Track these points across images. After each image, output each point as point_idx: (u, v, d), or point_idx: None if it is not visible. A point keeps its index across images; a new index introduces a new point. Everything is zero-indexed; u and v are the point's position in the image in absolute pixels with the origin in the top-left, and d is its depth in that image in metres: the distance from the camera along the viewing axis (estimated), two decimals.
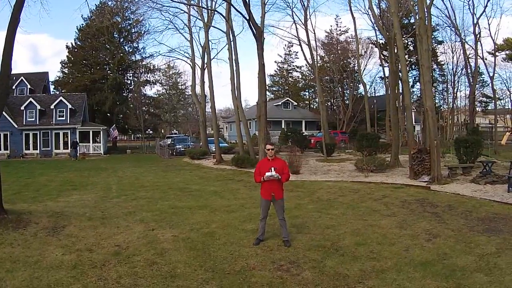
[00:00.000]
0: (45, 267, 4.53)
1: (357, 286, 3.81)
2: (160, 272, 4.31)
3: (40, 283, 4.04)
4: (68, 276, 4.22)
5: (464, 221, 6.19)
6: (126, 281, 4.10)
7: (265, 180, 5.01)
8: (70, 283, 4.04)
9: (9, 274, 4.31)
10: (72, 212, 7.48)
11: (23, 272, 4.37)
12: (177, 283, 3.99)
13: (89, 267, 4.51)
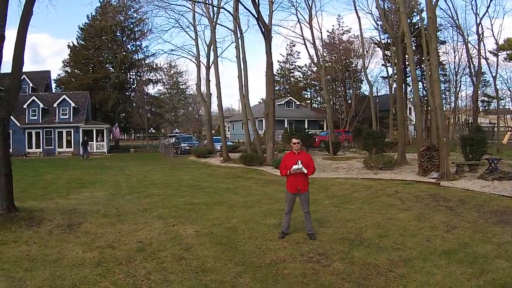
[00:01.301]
0: (66, 265, 4.38)
1: (388, 274, 3.97)
2: (190, 267, 4.29)
3: (64, 282, 3.88)
4: (93, 274, 4.09)
5: (477, 214, 6.40)
6: (156, 277, 4.02)
7: (291, 173, 5.13)
8: (97, 281, 3.91)
9: (28, 273, 4.11)
10: (85, 209, 7.49)
11: (43, 271, 4.19)
12: (210, 277, 3.99)
13: (114, 264, 4.42)
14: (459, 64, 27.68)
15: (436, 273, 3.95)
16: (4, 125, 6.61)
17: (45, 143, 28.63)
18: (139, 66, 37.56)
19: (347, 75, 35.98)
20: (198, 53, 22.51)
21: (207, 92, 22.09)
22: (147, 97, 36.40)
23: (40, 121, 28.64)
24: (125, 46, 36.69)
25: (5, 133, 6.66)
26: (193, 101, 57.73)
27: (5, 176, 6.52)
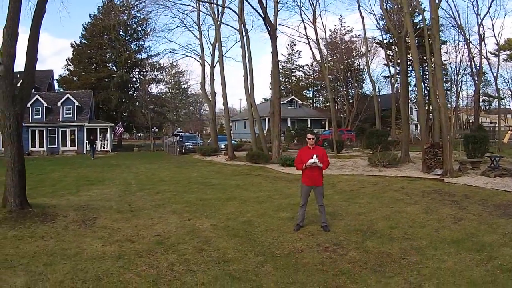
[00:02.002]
0: (86, 258, 4.41)
1: (401, 262, 4.24)
2: (212, 258, 4.45)
3: (87, 275, 3.91)
4: (115, 267, 4.14)
5: (482, 207, 6.68)
6: (180, 267, 4.14)
7: (307, 167, 5.37)
8: (120, 273, 3.95)
9: (48, 267, 4.11)
10: (97, 205, 7.56)
11: (64, 264, 4.20)
12: (232, 267, 4.17)
13: (135, 256, 4.49)
14: (460, 64, 28.03)
15: (447, 260, 4.23)
16: (18, 121, 6.66)
17: (48, 142, 28.80)
18: (142, 66, 37.76)
19: (349, 75, 36.25)
20: (203, 52, 22.80)
21: (212, 91, 22.35)
22: (149, 96, 36.60)
23: (44, 120, 28.83)
24: (128, 46, 36.89)
25: (19, 129, 6.72)
26: (194, 101, 58.08)
27: (18, 172, 6.55)
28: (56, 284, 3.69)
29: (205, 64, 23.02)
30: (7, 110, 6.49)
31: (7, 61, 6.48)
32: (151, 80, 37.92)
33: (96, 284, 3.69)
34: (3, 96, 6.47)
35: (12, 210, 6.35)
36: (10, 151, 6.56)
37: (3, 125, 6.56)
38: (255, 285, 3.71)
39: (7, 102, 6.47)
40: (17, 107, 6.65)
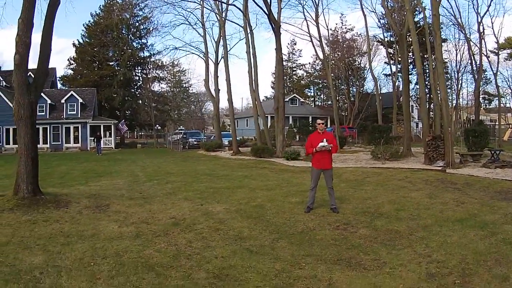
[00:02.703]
0: (104, 238, 4.47)
1: (410, 237, 4.51)
2: (228, 236, 4.70)
3: (107, 252, 4.01)
4: (134, 244, 4.24)
5: (483, 193, 6.98)
6: (198, 244, 4.32)
7: (317, 150, 5.62)
8: (140, 250, 4.07)
9: (65, 247, 4.15)
10: (108, 194, 7.64)
11: (81, 244, 4.26)
12: (249, 243, 4.42)
13: (153, 236, 4.60)
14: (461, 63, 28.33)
15: (452, 235, 4.52)
16: (33, 109, 6.76)
17: (52, 139, 29.06)
18: (144, 64, 38.01)
19: (350, 73, 36.53)
20: (207, 50, 23.05)
21: (216, 87, 22.64)
22: (152, 94, 36.86)
23: (48, 117, 29.07)
24: (131, 44, 37.14)
25: (33, 117, 6.81)
26: (196, 100, 58.33)
27: (32, 159, 6.59)
28: (76, 261, 3.78)
29: (209, 61, 23.29)
30: (22, 98, 6.58)
31: (23, 51, 6.61)
32: (154, 78, 38.16)
33: (116, 260, 3.81)
34: (18, 84, 6.60)
35: (25, 197, 6.39)
36: (24, 139, 6.62)
37: (18, 113, 6.64)
38: (272, 258, 3.98)
39: (22, 90, 6.58)
40: (32, 96, 6.72)
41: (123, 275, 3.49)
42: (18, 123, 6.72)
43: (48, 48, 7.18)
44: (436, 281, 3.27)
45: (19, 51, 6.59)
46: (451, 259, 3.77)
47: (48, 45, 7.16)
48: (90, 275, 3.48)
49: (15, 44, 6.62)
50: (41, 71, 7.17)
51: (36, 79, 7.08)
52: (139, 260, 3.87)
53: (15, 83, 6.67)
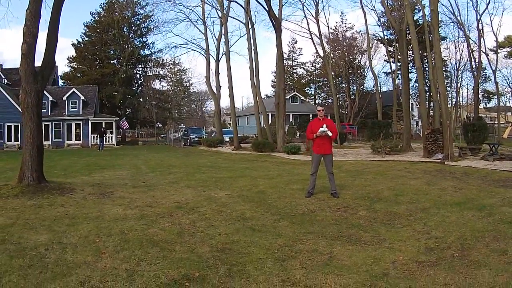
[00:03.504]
0: (109, 219, 4.52)
1: (409, 218, 4.61)
2: (231, 217, 4.81)
3: (112, 231, 4.07)
4: (139, 224, 4.34)
5: (481, 181, 7.08)
6: (201, 223, 4.44)
7: (317, 136, 5.73)
8: (144, 229, 4.16)
9: (70, 227, 4.21)
10: (112, 183, 7.72)
11: (87, 224, 4.32)
12: (251, 223, 4.53)
13: (157, 217, 4.70)
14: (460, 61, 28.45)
15: (450, 216, 4.61)
16: (39, 97, 6.89)
17: (54, 136, 29.15)
18: (145, 62, 38.13)
19: (350, 71, 36.63)
20: (208, 47, 23.17)
21: (217, 84, 22.74)
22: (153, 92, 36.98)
23: (49, 114, 29.16)
24: (132, 42, 37.27)
25: (40, 105, 6.95)
26: (196, 99, 58.45)
27: (37, 147, 6.68)
28: (81, 238, 3.84)
29: (210, 58, 23.42)
30: (29, 86, 6.68)
31: (30, 40, 6.75)
32: (155, 76, 38.28)
33: (121, 237, 3.89)
34: (25, 73, 6.72)
35: (29, 184, 6.46)
36: (30, 127, 6.70)
37: (24, 101, 6.75)
38: (274, 235, 4.08)
39: (29, 79, 6.69)
40: (38, 84, 6.84)
41: (128, 250, 3.58)
42: (24, 111, 6.83)
43: (55, 39, 7.31)
44: (435, 254, 3.37)
45: (26, 40, 6.73)
46: (449, 235, 3.87)
47: (55, 36, 7.29)
48: (95, 250, 3.57)
49: (23, 34, 6.77)
50: (48, 61, 7.27)
51: (42, 69, 7.18)
52: (144, 237, 3.97)
53: (22, 72, 6.78)
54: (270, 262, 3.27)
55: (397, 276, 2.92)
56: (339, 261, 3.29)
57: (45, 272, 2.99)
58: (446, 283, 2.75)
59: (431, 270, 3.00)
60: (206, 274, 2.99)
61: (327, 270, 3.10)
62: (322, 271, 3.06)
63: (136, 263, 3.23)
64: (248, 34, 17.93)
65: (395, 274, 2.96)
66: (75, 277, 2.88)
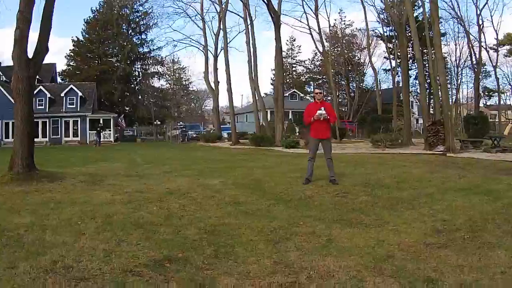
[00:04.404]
0: (96, 204, 4.34)
1: (412, 202, 4.33)
2: (224, 201, 4.53)
3: (96, 214, 3.88)
4: (125, 208, 4.12)
5: (485, 170, 6.82)
6: (191, 207, 4.16)
7: (315, 119, 5.44)
8: (130, 212, 3.95)
9: (55, 211, 4.04)
10: (105, 173, 7.50)
11: (71, 208, 4.15)
12: (245, 207, 4.26)
13: (145, 202, 4.45)
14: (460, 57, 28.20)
15: (456, 200, 4.35)
16: (31, 84, 6.79)
17: (51, 133, 28.87)
18: (144, 59, 37.89)
19: (350, 68, 36.38)
20: (206, 42, 22.96)
21: (215, 80, 22.53)
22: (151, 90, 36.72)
23: (47, 111, 28.89)
24: (131, 39, 37.02)
25: (31, 92, 6.84)
26: (196, 97, 58.19)
27: (28, 134, 6.56)
28: (63, 221, 3.65)
29: (208, 54, 23.16)
30: (21, 72, 6.58)
31: (23, 26, 6.65)
32: (154, 73, 38.04)
33: (105, 220, 3.68)
34: (17, 59, 6.60)
35: (19, 172, 6.30)
36: (21, 113, 6.57)
37: (16, 87, 6.63)
38: (269, 218, 3.81)
39: (21, 65, 6.59)
40: (31, 71, 6.74)
41: (110, 231, 3.33)
42: (16, 98, 6.72)
43: (49, 24, 7.17)
44: (444, 236, 3.10)
45: (20, 26, 6.62)
46: (457, 218, 3.61)
47: (49, 21, 7.16)
48: (76, 231, 3.35)
49: (16, 20, 6.65)
50: (41, 47, 7.15)
51: (35, 55, 7.06)
52: (129, 220, 3.72)
53: (14, 59, 6.65)
54: (262, 244, 3.00)
55: (403, 258, 2.65)
56: (339, 243, 3.03)
57: (19, 251, 2.82)
58: (459, 264, 2.49)
59: (441, 252, 2.74)
60: (191, 255, 2.73)
61: (325, 252, 2.84)
62: (319, 253, 2.80)
63: (116, 244, 2.97)
64: (247, 27, 17.70)
65: (401, 256, 2.70)
66: (49, 256, 2.69)
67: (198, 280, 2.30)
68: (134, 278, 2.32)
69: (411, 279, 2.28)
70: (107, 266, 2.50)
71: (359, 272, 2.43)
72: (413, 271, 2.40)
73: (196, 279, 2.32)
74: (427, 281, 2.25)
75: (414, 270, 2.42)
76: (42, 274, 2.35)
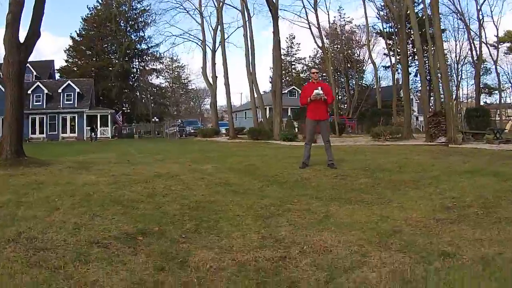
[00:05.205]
0: (79, 184, 4.13)
1: (417, 184, 4.05)
2: (214, 182, 4.24)
3: (76, 192, 3.67)
4: (108, 188, 3.88)
5: (490, 157, 6.52)
6: (178, 187, 3.91)
7: (311, 100, 5.14)
8: (113, 191, 3.74)
9: (35, 190, 3.88)
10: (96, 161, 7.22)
11: (53, 188, 3.96)
12: (235, 187, 3.99)
13: (131, 183, 4.20)
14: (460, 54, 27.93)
15: (463, 181, 4.06)
16: (21, 68, 6.73)
17: (48, 129, 28.53)
18: (142, 56, 37.61)
19: (349, 65, 36.09)
20: (204, 37, 22.71)
21: (213, 75, 22.23)
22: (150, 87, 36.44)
23: (44, 107, 28.56)
24: (129, 36, 36.75)
25: (21, 77, 6.77)
26: (195, 96, 57.89)
27: (16, 120, 6.46)
28: (41, 198, 3.45)
29: (206, 49, 22.92)
30: (11, 56, 6.52)
31: (15, 9, 6.57)
32: (152, 70, 37.75)
33: (84, 197, 3.43)
34: (9, 43, 6.53)
35: (7, 157, 6.19)
36: (10, 98, 6.48)
37: (6, 71, 6.54)
38: (260, 196, 3.54)
39: (12, 49, 6.53)
40: (22, 55, 6.66)
41: (86, 207, 3.06)
42: (6, 82, 6.63)
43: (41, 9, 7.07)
44: (455, 212, 2.83)
45: (12, 10, 6.54)
46: (466, 196, 3.32)
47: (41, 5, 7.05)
48: (51, 207, 3.09)
49: (9, 5, 6.59)
50: (33, 32, 7.03)
51: (27, 39, 6.97)
52: (109, 197, 3.44)
53: (6, 42, 6.56)
54: (250, 219, 2.72)
55: (412, 233, 2.38)
56: (337, 219, 2.75)
57: None
58: (477, 238, 2.22)
59: (454, 227, 2.46)
60: (168, 229, 2.46)
61: (322, 227, 2.56)
62: (315, 228, 2.51)
63: (89, 218, 2.69)
64: (244, 20, 17.46)
65: (409, 231, 2.42)
66: (15, 228, 2.45)
67: (171, 253, 2.02)
68: (99, 249, 2.04)
69: (424, 254, 2.00)
70: (73, 238, 2.23)
71: (361, 247, 2.15)
72: (425, 246, 2.13)
73: (169, 251, 2.04)
74: (442, 255, 1.97)
75: (425, 244, 2.15)
76: (3, 243, 2.15)
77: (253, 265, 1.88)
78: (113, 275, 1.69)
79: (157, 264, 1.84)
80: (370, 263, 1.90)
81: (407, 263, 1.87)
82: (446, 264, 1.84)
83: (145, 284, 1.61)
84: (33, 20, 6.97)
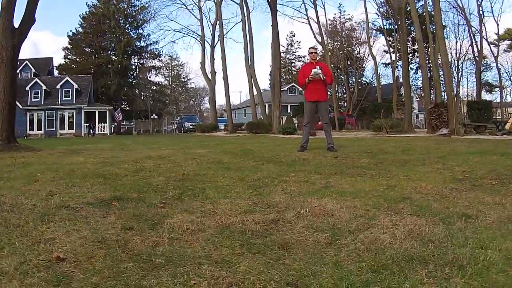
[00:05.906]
0: (65, 164, 4.03)
1: (423, 162, 3.82)
2: (207, 162, 4.06)
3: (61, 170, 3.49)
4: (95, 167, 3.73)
5: (494, 143, 6.29)
6: (168, 165, 3.78)
7: (310, 80, 4.93)
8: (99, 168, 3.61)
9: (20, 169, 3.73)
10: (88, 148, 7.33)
11: (38, 167, 3.83)
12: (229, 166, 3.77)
13: (119, 162, 4.09)
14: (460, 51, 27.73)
15: (471, 159, 3.84)
16: (15, 52, 6.70)
17: (46, 125, 28.31)
18: (141, 53, 37.40)
19: (349, 63, 35.89)
20: (203, 33, 22.52)
21: (212, 70, 22.00)
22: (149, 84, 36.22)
23: (42, 103, 28.32)
24: (128, 34, 36.52)
25: (15, 61, 6.76)
26: (195, 95, 57.64)
27: (8, 104, 6.47)
28: (23, 175, 3.29)
29: (205, 44, 22.71)
30: (5, 41, 6.50)
31: None
32: (151, 67, 37.54)
33: (67, 173, 3.25)
34: (3, 27, 6.52)
35: None
36: (3, 82, 6.46)
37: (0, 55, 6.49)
38: (253, 171, 3.30)
39: (6, 33, 6.52)
40: (15, 39, 6.66)
41: (67, 179, 2.83)
42: None
43: None
44: (468, 183, 2.60)
45: None
46: (478, 170, 3.10)
47: None
48: (31, 180, 2.90)
49: None
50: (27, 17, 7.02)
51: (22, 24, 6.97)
52: (92, 172, 3.22)
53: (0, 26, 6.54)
54: (240, 188, 2.48)
55: (424, 199, 2.15)
56: (338, 188, 2.51)
57: None
58: (497, 202, 2.01)
59: (470, 194, 2.24)
60: (147, 196, 2.24)
61: (321, 194, 2.32)
62: (314, 196, 2.27)
63: (66, 187, 2.47)
64: (243, 14, 17.24)
65: (420, 198, 2.19)
66: None
67: (145, 216, 1.79)
68: (68, 212, 1.82)
69: (442, 216, 1.78)
70: (43, 203, 2.01)
71: (368, 211, 1.91)
72: (442, 210, 1.90)
73: (143, 214, 1.81)
74: (464, 216, 1.75)
75: (442, 209, 1.92)
76: None
77: (239, 227, 1.64)
78: (74, 233, 1.48)
79: (126, 225, 1.61)
80: (380, 225, 1.67)
81: (423, 224, 1.64)
82: (469, 226, 1.61)
83: (105, 242, 1.38)
84: (28, 6, 6.96)
